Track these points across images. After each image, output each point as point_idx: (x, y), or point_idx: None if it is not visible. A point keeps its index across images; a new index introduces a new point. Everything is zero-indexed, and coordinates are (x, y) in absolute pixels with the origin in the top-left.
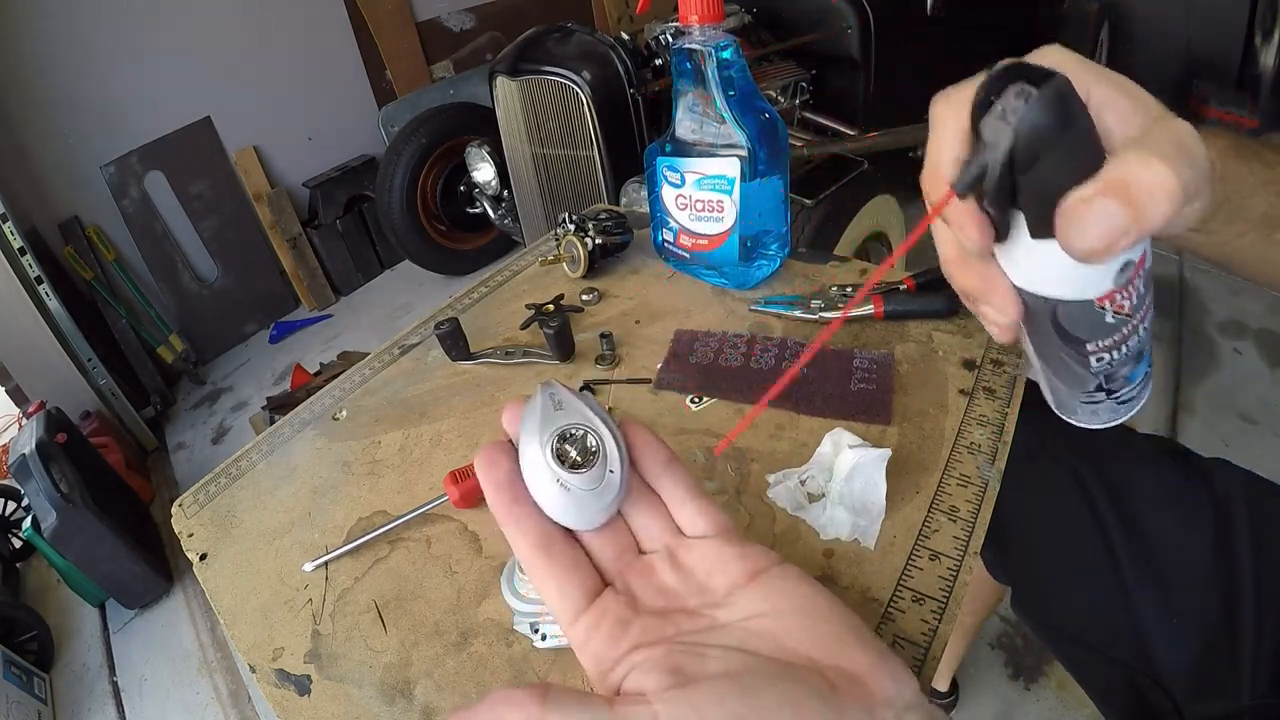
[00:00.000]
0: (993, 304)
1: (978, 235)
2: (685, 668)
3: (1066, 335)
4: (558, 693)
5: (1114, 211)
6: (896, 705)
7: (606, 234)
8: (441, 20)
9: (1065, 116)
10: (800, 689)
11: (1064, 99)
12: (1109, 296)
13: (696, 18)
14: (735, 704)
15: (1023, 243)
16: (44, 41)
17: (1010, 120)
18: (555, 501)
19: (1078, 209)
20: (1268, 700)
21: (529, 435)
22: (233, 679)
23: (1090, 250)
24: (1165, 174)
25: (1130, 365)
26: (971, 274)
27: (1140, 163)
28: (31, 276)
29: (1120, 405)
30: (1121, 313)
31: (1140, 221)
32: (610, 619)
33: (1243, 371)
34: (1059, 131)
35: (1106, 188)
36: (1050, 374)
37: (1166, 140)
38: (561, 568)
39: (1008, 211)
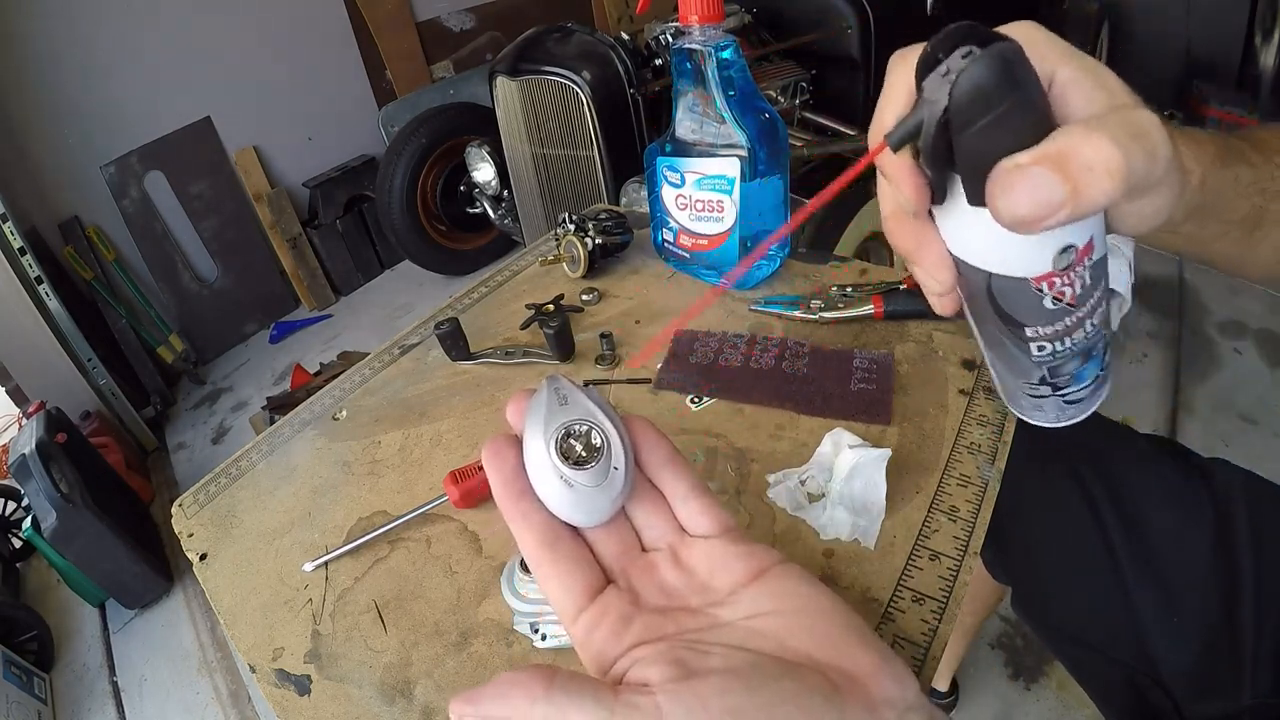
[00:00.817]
0: (925, 267)
1: (912, 193)
2: (689, 662)
3: (1004, 315)
4: (564, 676)
5: (1048, 181)
6: (898, 706)
7: (606, 234)
8: (441, 20)
9: (1008, 81)
10: (803, 687)
11: (1009, 63)
12: (1047, 279)
13: (696, 18)
14: (739, 698)
15: (959, 208)
16: (44, 42)
17: (950, 78)
18: (559, 498)
19: (1011, 174)
20: (1268, 700)
21: (533, 430)
22: (233, 679)
23: (1019, 218)
24: (1110, 152)
25: (1077, 362)
26: (907, 233)
27: (1083, 137)
28: (31, 276)
29: (1068, 405)
30: (1062, 300)
31: (1077, 197)
32: (612, 616)
33: (1243, 371)
34: (1000, 95)
35: (1043, 156)
36: (993, 358)
37: (1122, 123)
38: (565, 564)
39: (945, 174)
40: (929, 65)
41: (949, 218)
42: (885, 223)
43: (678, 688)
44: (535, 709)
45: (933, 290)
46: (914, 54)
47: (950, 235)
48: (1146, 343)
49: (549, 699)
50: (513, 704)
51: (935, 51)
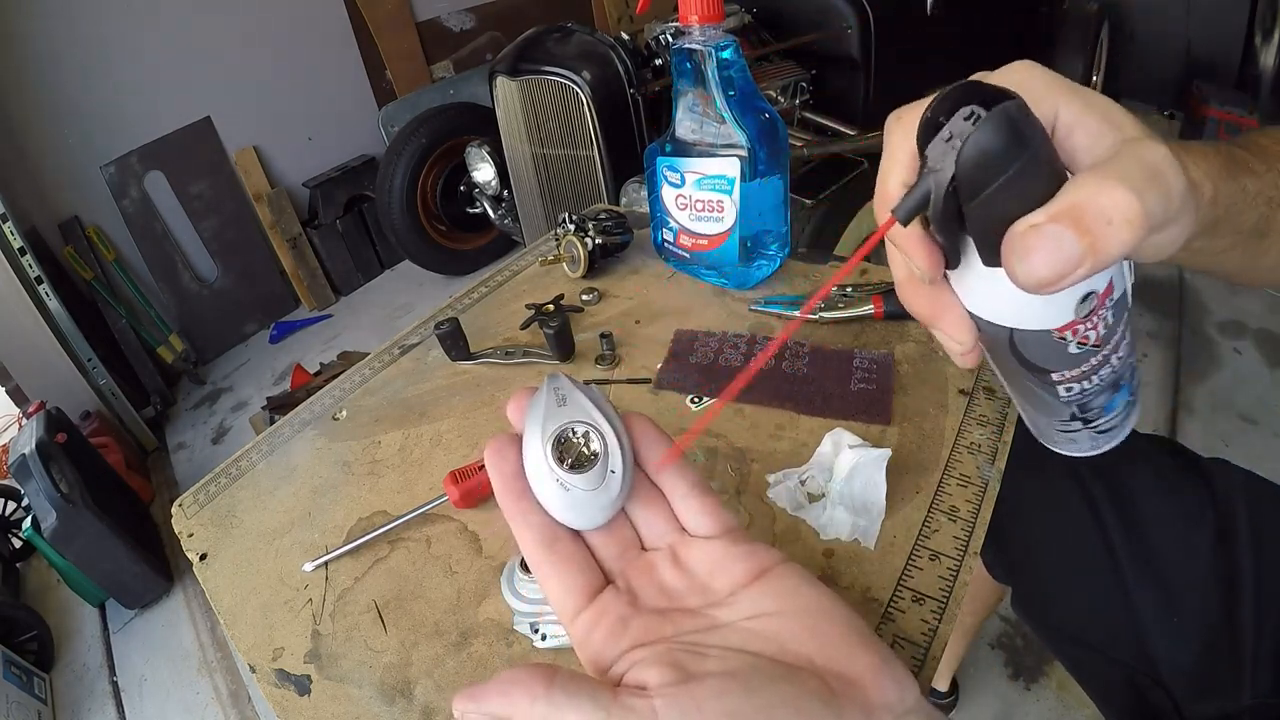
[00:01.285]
0: (944, 330)
1: (925, 263)
2: (686, 664)
3: (1029, 364)
4: (565, 676)
5: (1065, 240)
6: (896, 710)
7: (606, 234)
8: (441, 20)
9: (1015, 141)
10: (800, 691)
11: (1014, 122)
12: (1070, 328)
13: (696, 18)
14: (735, 701)
15: (975, 269)
16: (44, 42)
17: (955, 145)
18: (555, 501)
19: (1025, 237)
20: (1268, 700)
21: (531, 432)
22: (233, 679)
23: (1038, 282)
24: (1126, 200)
25: (1105, 395)
26: (923, 299)
27: (1097, 187)
28: (31, 276)
29: (1100, 435)
30: (1087, 344)
31: (1095, 252)
32: (610, 617)
33: (1243, 371)
34: (1008, 157)
35: (1058, 214)
36: (1021, 400)
37: (1134, 164)
38: (564, 565)
39: (958, 237)
40: (930, 130)
41: (964, 279)
42: (899, 289)
43: (674, 691)
44: (535, 708)
45: (954, 351)
46: (911, 115)
47: (967, 296)
48: (1146, 343)
49: (549, 698)
50: (514, 702)
51: (935, 115)
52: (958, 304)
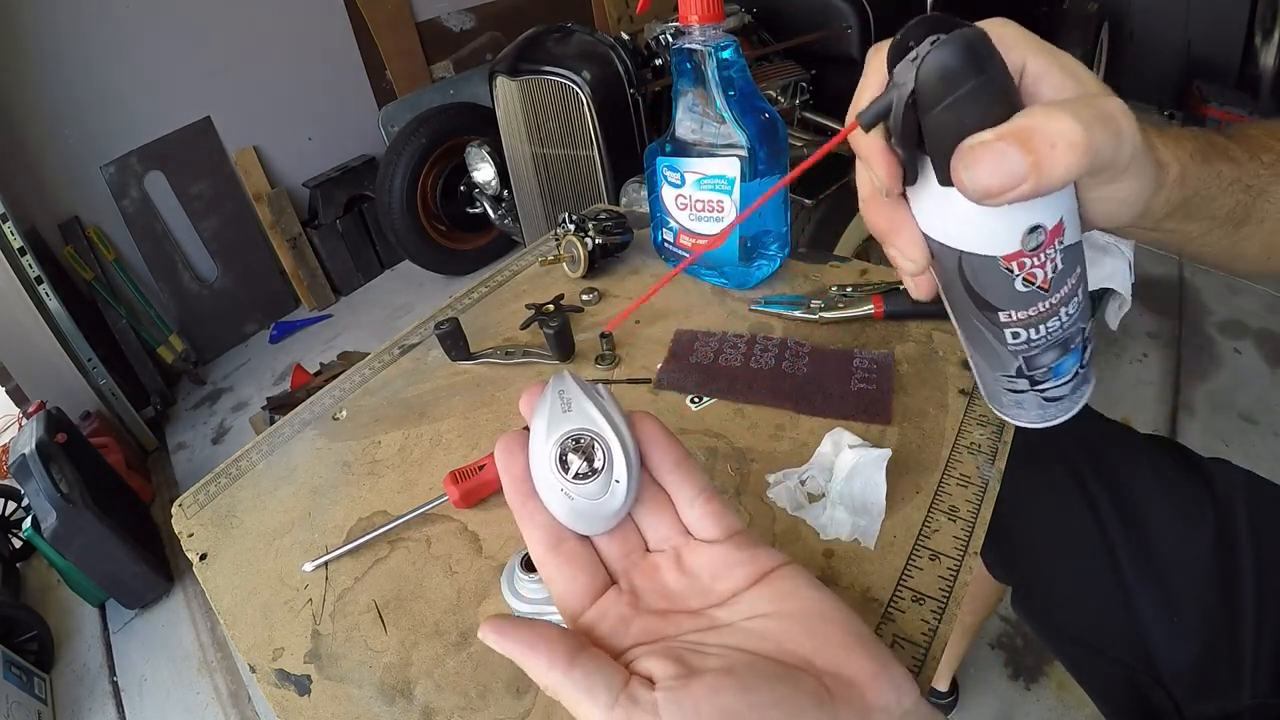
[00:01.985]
0: (898, 246)
1: (885, 174)
2: (688, 660)
3: (977, 298)
4: (588, 657)
5: (1011, 155)
6: (894, 712)
7: (606, 234)
8: (441, 20)
9: (972, 63)
10: (795, 691)
11: (973, 48)
12: (1016, 259)
13: (696, 18)
14: (731, 699)
15: (930, 188)
16: (44, 41)
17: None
18: (559, 509)
19: (975, 150)
20: (1268, 700)
21: (536, 436)
22: (233, 679)
23: (983, 189)
24: (1072, 128)
25: (1054, 353)
26: (881, 214)
27: (1046, 114)
28: (31, 276)
29: (1048, 402)
30: (1034, 282)
31: (1039, 170)
32: (611, 617)
33: (1243, 371)
34: (964, 75)
35: (1006, 133)
36: (972, 351)
37: (1086, 105)
38: (568, 567)
39: (916, 155)
40: (900, 53)
41: (921, 198)
42: (862, 205)
43: (675, 686)
44: (551, 675)
45: (906, 270)
46: (887, 45)
47: (922, 215)
48: (1146, 343)
49: (566, 673)
50: (534, 660)
51: (906, 39)
52: (913, 223)
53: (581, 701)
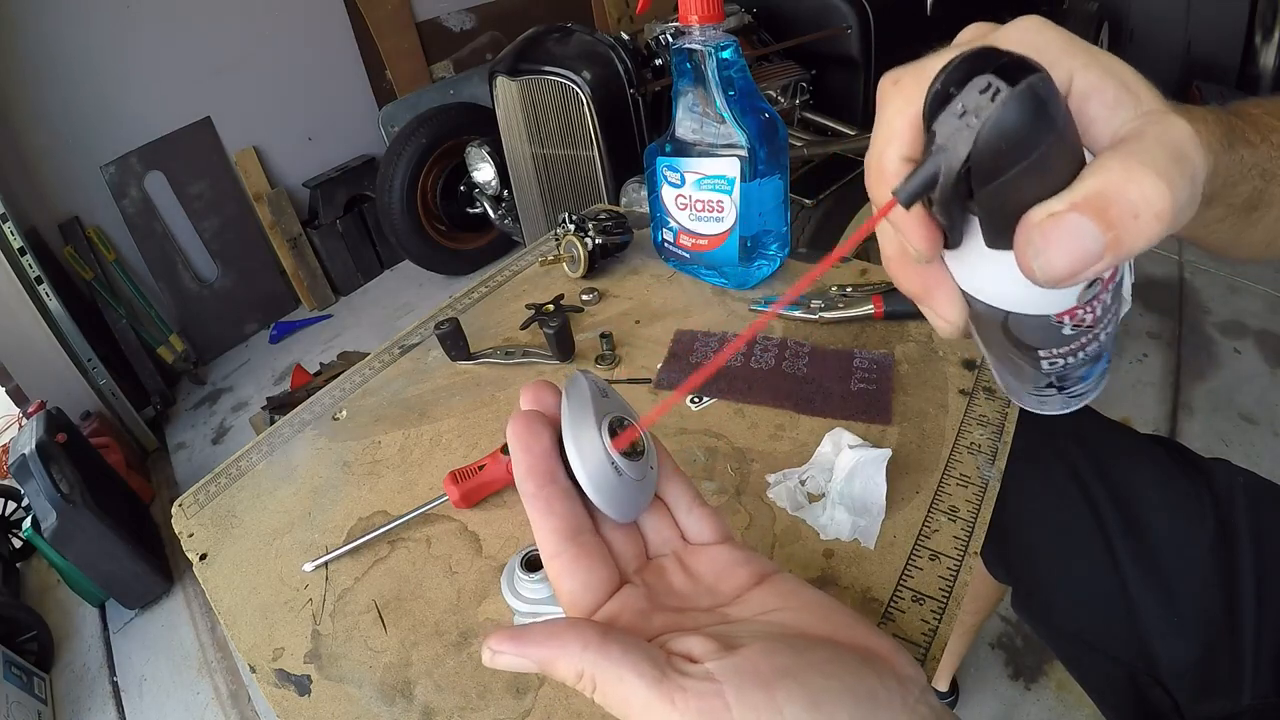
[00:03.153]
0: (935, 308)
1: (924, 244)
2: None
3: (1018, 343)
4: (618, 631)
5: (1087, 232)
6: (919, 683)
7: (606, 234)
8: (441, 20)
9: (1040, 121)
10: (840, 653)
11: (1040, 100)
12: (1070, 312)
13: (696, 18)
14: (786, 658)
15: (975, 249)
16: (44, 42)
17: (972, 124)
18: (604, 485)
19: (1044, 227)
20: (1268, 700)
21: (580, 414)
22: (233, 679)
23: (1054, 276)
24: (1156, 190)
25: (1086, 366)
26: (914, 276)
27: (1125, 174)
28: (31, 276)
29: (1071, 399)
30: (1081, 325)
31: (1118, 246)
32: (630, 612)
33: (1243, 371)
34: (1032, 140)
35: (1081, 203)
36: (999, 367)
37: (1160, 146)
38: (587, 559)
39: (961, 216)
40: (940, 103)
41: (964, 260)
42: (887, 264)
43: (724, 654)
44: (587, 657)
45: (944, 330)
46: (910, 79)
47: (963, 275)
48: (1146, 343)
49: (603, 650)
50: (565, 647)
51: (947, 85)
52: (951, 282)
53: (624, 678)
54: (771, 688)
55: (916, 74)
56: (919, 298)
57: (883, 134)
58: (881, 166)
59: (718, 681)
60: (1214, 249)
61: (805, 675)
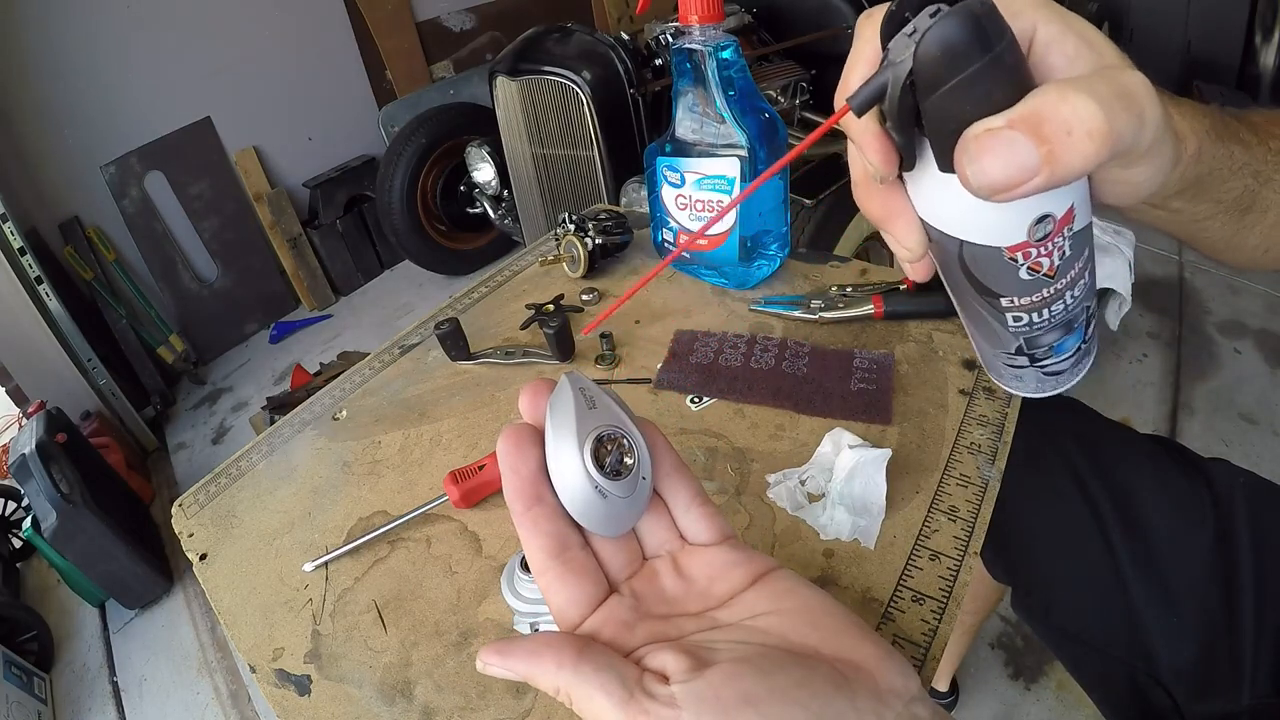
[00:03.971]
0: (895, 234)
1: (879, 159)
2: (700, 654)
3: (978, 284)
4: (595, 651)
5: (1020, 145)
6: (904, 697)
7: (606, 234)
8: (441, 20)
9: (978, 39)
10: (812, 674)
11: (980, 21)
12: (1021, 249)
13: (696, 18)
14: (750, 684)
15: (929, 173)
16: (44, 41)
17: (916, 38)
18: (588, 507)
19: (981, 139)
20: (1268, 700)
21: (562, 433)
22: (233, 679)
23: (989, 185)
24: (1090, 111)
25: (1057, 334)
26: (876, 200)
27: (1061, 96)
28: (31, 276)
29: (1048, 376)
30: (1039, 271)
31: (1053, 162)
32: (614, 623)
33: (1243, 371)
34: (969, 55)
35: (1016, 119)
36: (970, 326)
37: (1106, 82)
38: (573, 575)
39: (913, 138)
40: (895, 25)
41: (919, 183)
42: (855, 189)
43: (691, 677)
44: (561, 675)
45: (904, 257)
46: (881, 12)
47: (920, 201)
48: (1146, 343)
49: (576, 669)
50: (541, 665)
51: (902, 10)
52: (910, 208)
53: (594, 697)
54: (730, 717)
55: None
56: (881, 222)
57: (851, 60)
58: (845, 83)
59: (678, 708)
60: (1211, 252)
61: (768, 704)
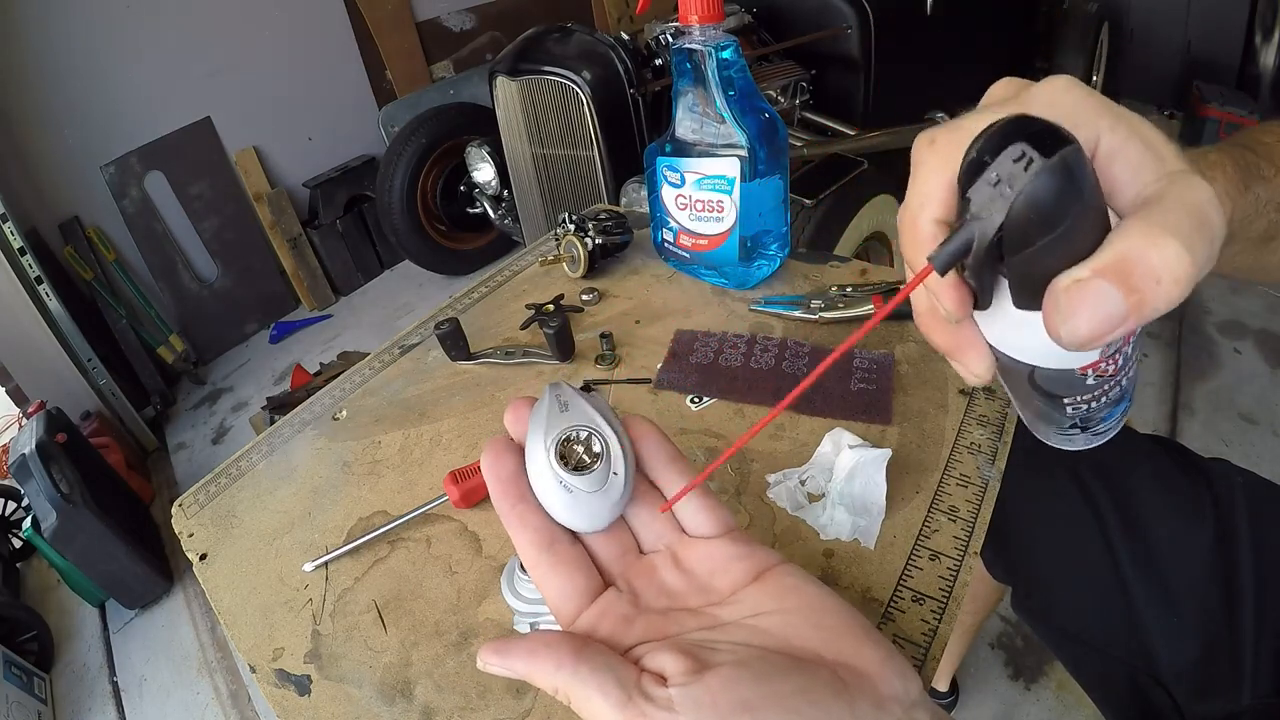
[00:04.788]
0: (964, 362)
1: (956, 306)
2: (699, 655)
3: (1044, 393)
4: (593, 651)
5: (1111, 297)
6: (904, 702)
7: (606, 234)
8: (441, 20)
9: (1071, 193)
10: (811, 681)
11: (1071, 171)
12: (1093, 365)
13: (696, 18)
14: (748, 690)
15: (1004, 309)
16: (44, 41)
17: (1006, 194)
18: (558, 503)
19: (1070, 293)
20: (1268, 700)
21: (534, 436)
22: (233, 679)
23: (1079, 340)
24: (1177, 256)
25: (1109, 409)
26: (945, 334)
27: (1147, 240)
28: (31, 276)
29: (1095, 437)
30: (1104, 375)
31: (1140, 309)
32: (612, 617)
33: (1243, 371)
34: (1063, 210)
35: (1105, 269)
36: (1025, 411)
37: (1182, 210)
38: (563, 567)
39: (991, 279)
40: (975, 170)
41: (993, 319)
42: (918, 319)
43: (689, 679)
44: (559, 676)
45: (971, 381)
46: (944, 139)
47: (992, 332)
48: (1146, 343)
49: (574, 671)
50: (539, 665)
51: (983, 154)
52: (980, 338)
53: (592, 699)
54: None
55: (951, 135)
56: (949, 353)
57: (918, 196)
58: (917, 228)
59: (675, 712)
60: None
61: (765, 711)
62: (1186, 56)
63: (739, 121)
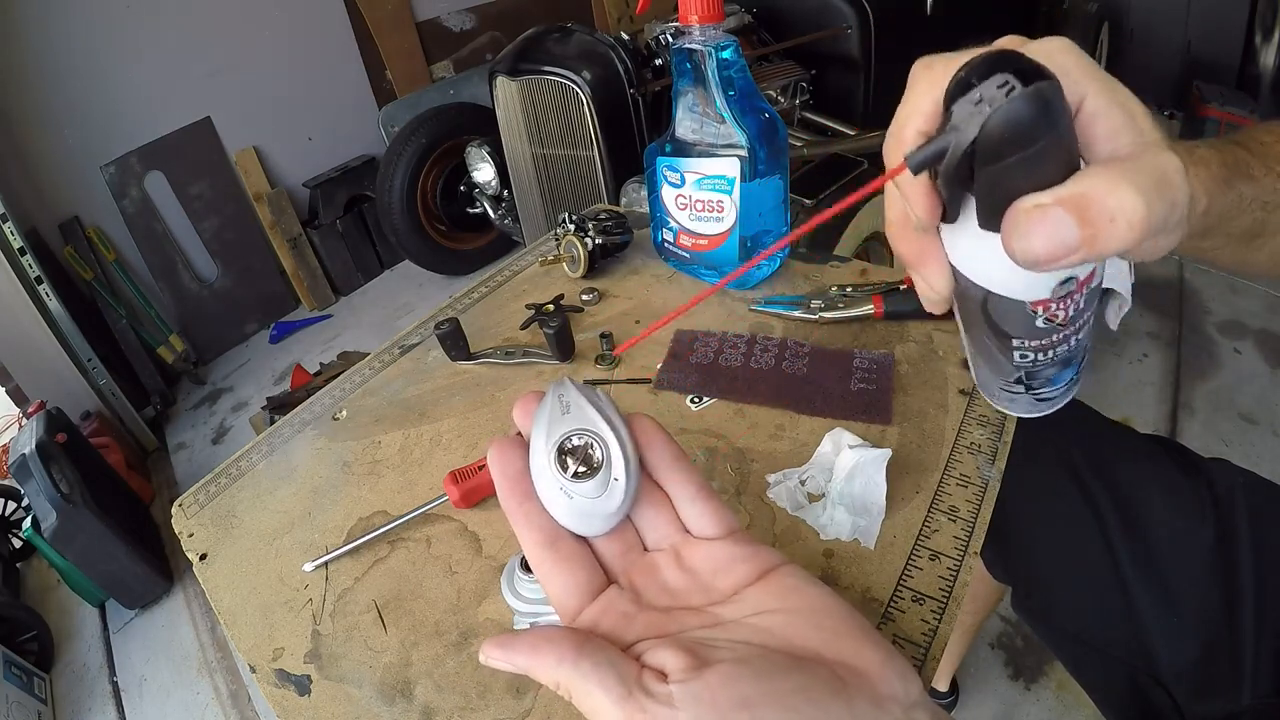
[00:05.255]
0: (925, 276)
1: (924, 212)
2: (700, 652)
3: (994, 327)
4: (595, 646)
5: (1066, 226)
6: (904, 702)
7: (606, 234)
8: (441, 20)
9: (1044, 121)
10: (811, 680)
11: (1047, 102)
12: (1043, 304)
13: (696, 18)
14: (748, 687)
15: (968, 227)
16: (44, 41)
17: (984, 111)
18: (559, 509)
19: (1029, 214)
20: (1269, 700)
21: (536, 438)
22: (233, 679)
23: (1032, 258)
24: (1133, 203)
25: (1055, 369)
26: (911, 243)
27: (1109, 183)
28: (31, 276)
29: (1038, 401)
30: (1054, 321)
31: (1092, 244)
32: (613, 614)
33: (1243, 371)
34: (1033, 134)
35: (1065, 199)
36: (974, 352)
37: (1148, 169)
38: (566, 563)
39: (960, 194)
40: (961, 88)
41: (955, 235)
42: (889, 227)
43: (690, 678)
44: (560, 670)
45: (929, 297)
46: (941, 65)
47: (954, 250)
48: (1146, 343)
49: (576, 665)
50: (541, 660)
51: (970, 76)
52: (943, 254)
53: (592, 693)
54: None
55: (947, 62)
56: (913, 264)
57: (907, 108)
58: (900, 135)
59: (675, 708)
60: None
61: (764, 709)
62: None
63: (739, 121)
